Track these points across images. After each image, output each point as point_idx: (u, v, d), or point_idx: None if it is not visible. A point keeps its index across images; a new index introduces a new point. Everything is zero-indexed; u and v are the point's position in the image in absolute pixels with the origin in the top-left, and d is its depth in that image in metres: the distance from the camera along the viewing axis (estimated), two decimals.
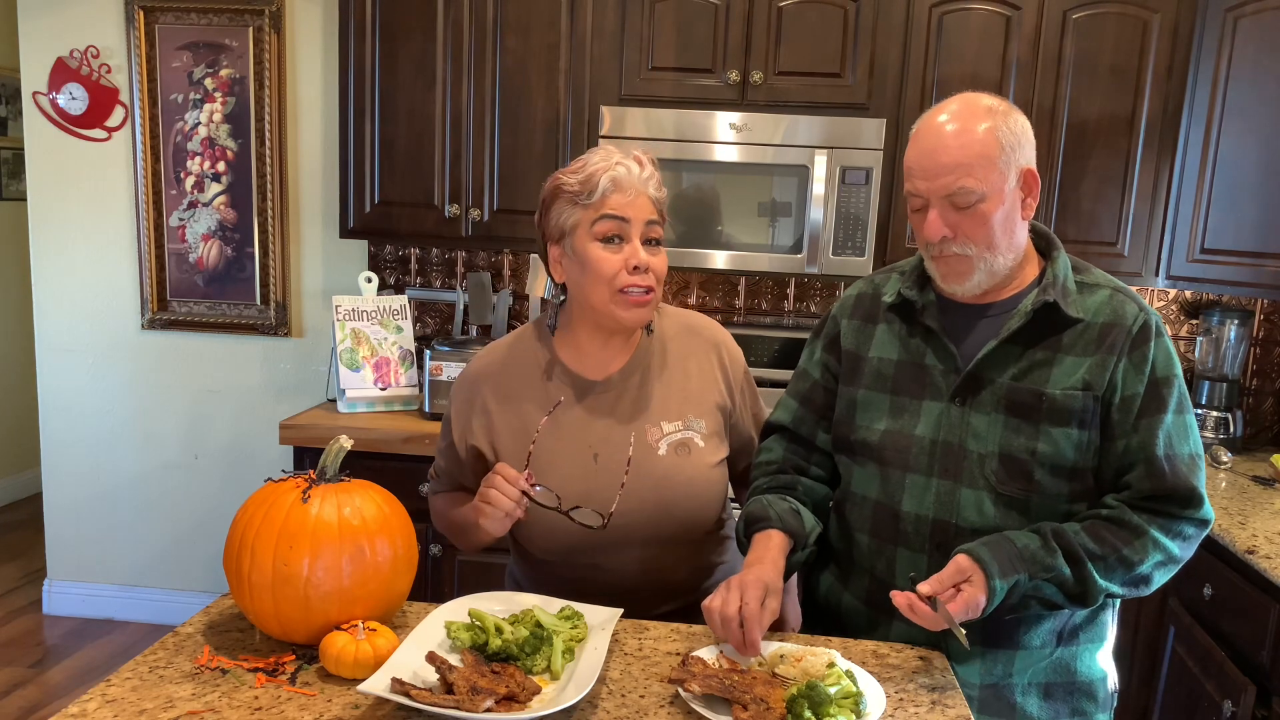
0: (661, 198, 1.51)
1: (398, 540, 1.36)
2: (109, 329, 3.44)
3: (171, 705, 1.19)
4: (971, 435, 1.42)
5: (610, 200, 1.46)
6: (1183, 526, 1.37)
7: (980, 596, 1.30)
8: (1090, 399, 1.37)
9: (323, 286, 3.35)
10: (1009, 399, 1.40)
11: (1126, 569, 1.34)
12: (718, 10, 2.71)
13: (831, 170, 2.68)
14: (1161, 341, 1.40)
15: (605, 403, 1.55)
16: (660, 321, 1.64)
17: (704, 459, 1.56)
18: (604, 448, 1.53)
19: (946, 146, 1.36)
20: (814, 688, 1.18)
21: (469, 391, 1.60)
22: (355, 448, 1.41)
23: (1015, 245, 1.41)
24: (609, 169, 1.46)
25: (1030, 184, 1.40)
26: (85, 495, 3.54)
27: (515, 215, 2.87)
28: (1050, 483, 1.39)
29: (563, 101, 2.80)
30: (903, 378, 1.49)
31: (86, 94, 3.29)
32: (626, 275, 1.46)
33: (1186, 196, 2.65)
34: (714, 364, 1.63)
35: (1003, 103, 1.40)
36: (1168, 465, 1.36)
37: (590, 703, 1.23)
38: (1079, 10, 2.64)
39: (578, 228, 1.49)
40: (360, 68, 2.85)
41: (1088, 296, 1.42)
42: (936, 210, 1.38)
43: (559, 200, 1.50)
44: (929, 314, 1.47)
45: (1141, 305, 1.42)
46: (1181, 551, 1.38)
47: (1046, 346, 1.40)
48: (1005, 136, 1.36)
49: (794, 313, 3.20)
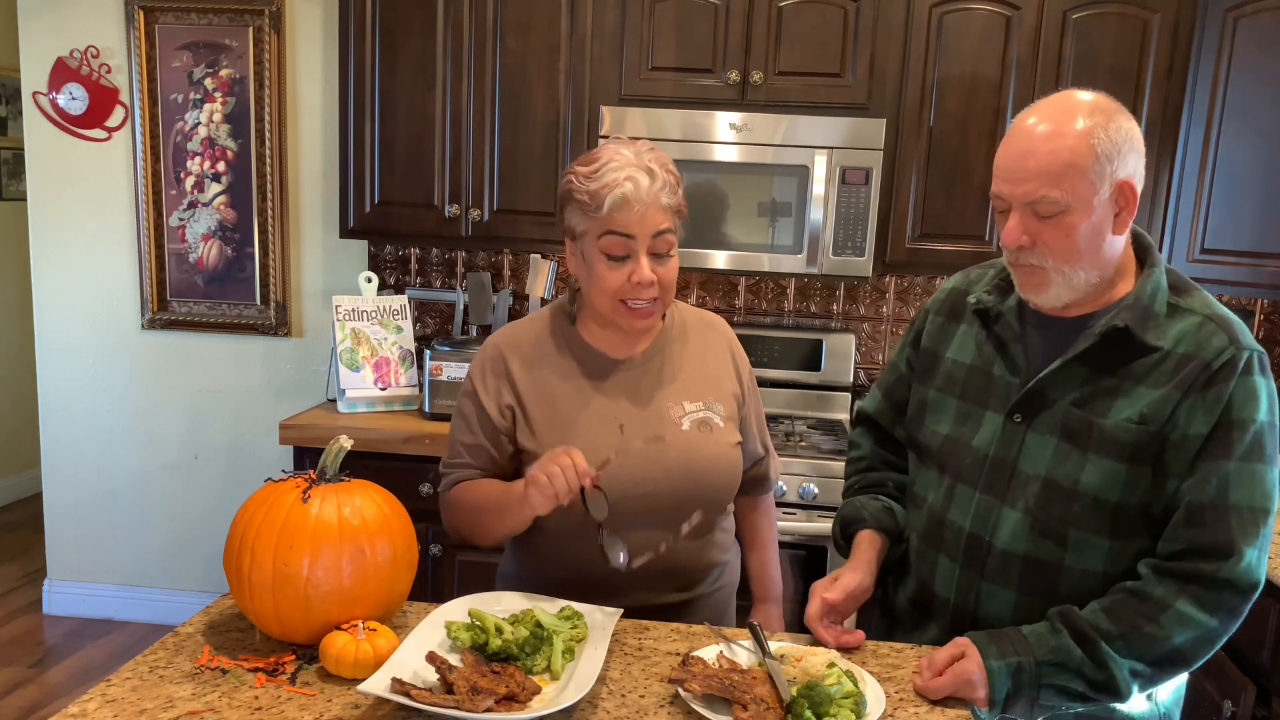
0: (675, 202, 1.49)
1: (398, 540, 1.36)
2: (109, 329, 3.43)
3: (171, 705, 1.18)
4: (1025, 455, 1.36)
5: (616, 218, 1.44)
6: (1219, 595, 1.24)
7: (972, 668, 1.26)
8: (1145, 434, 1.27)
9: (323, 286, 3.35)
10: (1064, 423, 1.32)
11: (1152, 648, 1.24)
12: (718, 10, 2.71)
13: (831, 170, 2.68)
14: (1248, 381, 1.26)
15: (629, 380, 1.57)
16: (679, 312, 1.66)
17: (725, 438, 1.58)
18: (630, 419, 1.54)
19: (1034, 151, 1.26)
20: (814, 688, 1.18)
21: (492, 362, 1.59)
22: (355, 448, 1.41)
23: (1102, 260, 1.30)
24: (618, 186, 1.43)
25: (1127, 197, 1.27)
26: (85, 495, 3.54)
27: (515, 215, 2.87)
28: (1090, 518, 1.31)
29: (563, 101, 2.80)
30: (972, 384, 1.44)
31: (86, 94, 3.29)
32: (629, 289, 1.47)
33: (1186, 196, 2.65)
34: (728, 357, 1.66)
35: (1110, 104, 1.28)
36: (1212, 515, 1.24)
37: (590, 703, 1.23)
38: (1079, 10, 2.64)
39: (586, 235, 1.49)
40: (360, 68, 2.84)
41: (1176, 322, 1.30)
42: (1018, 216, 1.29)
43: (570, 203, 1.50)
44: (1004, 322, 1.42)
45: (1236, 338, 1.27)
46: (1221, 624, 1.25)
47: (1117, 374, 1.30)
48: (1101, 144, 1.24)
49: (794, 313, 3.20)
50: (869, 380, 3.18)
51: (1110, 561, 1.32)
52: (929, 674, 1.29)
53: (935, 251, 2.77)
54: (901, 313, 3.15)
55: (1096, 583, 1.33)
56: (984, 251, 2.75)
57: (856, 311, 3.17)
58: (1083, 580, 1.34)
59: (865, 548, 1.52)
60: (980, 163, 2.72)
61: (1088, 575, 1.34)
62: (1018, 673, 1.26)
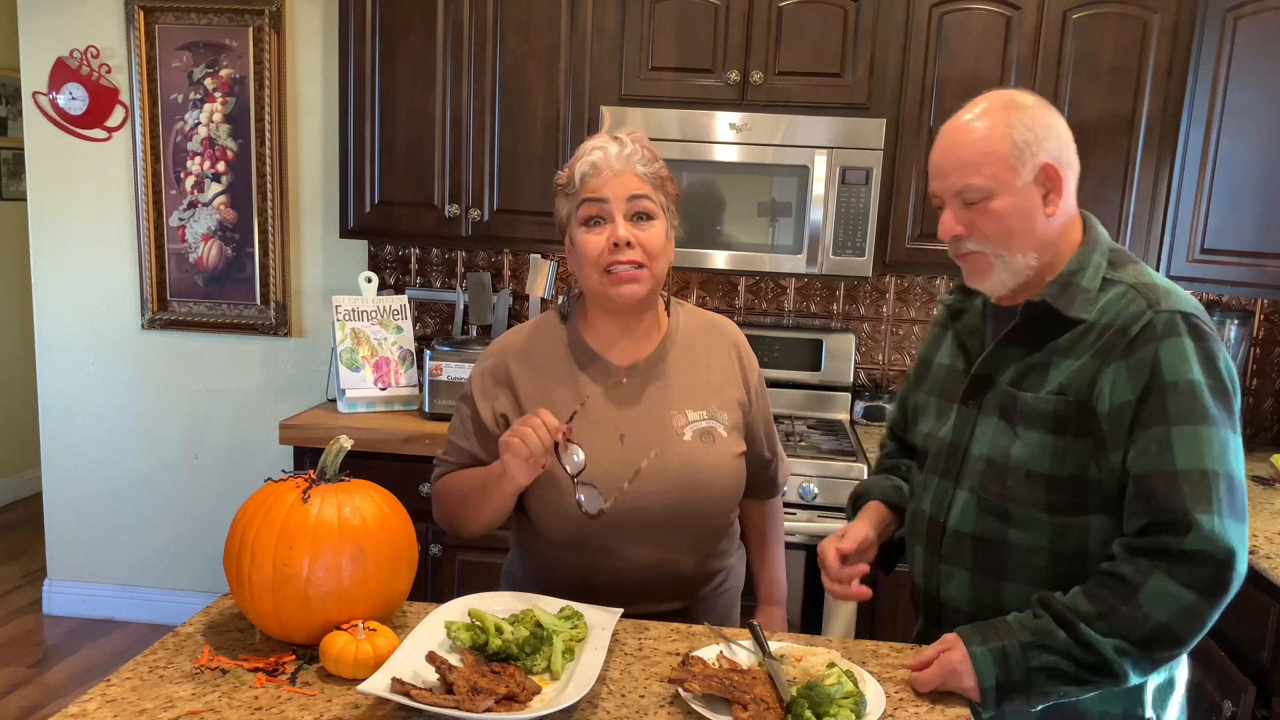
0: (653, 172, 1.50)
1: (398, 540, 1.36)
2: (109, 329, 3.43)
3: (171, 705, 1.18)
4: (974, 438, 1.42)
5: (589, 183, 1.48)
6: (1191, 568, 1.20)
7: (956, 658, 1.28)
8: (1064, 403, 1.30)
9: (323, 286, 3.35)
10: (1001, 402, 1.38)
11: (1135, 627, 1.22)
12: (718, 10, 2.71)
13: (831, 170, 2.68)
14: (1172, 342, 1.25)
15: (631, 389, 1.56)
16: (683, 316, 1.65)
17: (728, 449, 1.57)
18: (631, 429, 1.53)
19: (957, 145, 1.35)
20: (814, 688, 1.18)
21: (494, 368, 1.59)
22: (355, 448, 1.41)
23: (1037, 242, 1.34)
24: (585, 155, 1.49)
25: (1052, 179, 1.33)
26: (85, 495, 3.54)
27: (515, 215, 2.87)
28: (1025, 492, 1.34)
29: (563, 101, 2.80)
30: (947, 382, 1.51)
31: (86, 94, 3.29)
32: (609, 254, 1.46)
33: (1186, 196, 2.65)
34: (734, 362, 1.65)
35: (1029, 98, 1.37)
36: (1160, 484, 1.22)
37: (590, 703, 1.23)
38: (1079, 10, 2.64)
39: (570, 218, 1.52)
40: (360, 68, 2.85)
41: (1104, 295, 1.33)
42: (950, 208, 1.37)
43: (557, 196, 1.54)
44: (966, 318, 1.50)
45: (1155, 302, 1.28)
46: (1201, 598, 1.21)
47: (1044, 349, 1.35)
48: (1019, 132, 1.32)
49: (794, 313, 3.20)
50: (869, 380, 3.18)
51: (1055, 538, 1.34)
52: (915, 667, 1.32)
53: (935, 251, 2.77)
54: (901, 313, 3.15)
55: (1044, 559, 1.35)
56: None
57: (856, 311, 3.17)
58: (1030, 557, 1.36)
59: (869, 509, 1.60)
60: None
61: (1033, 552, 1.35)
62: (1003, 658, 1.26)
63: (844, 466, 2.57)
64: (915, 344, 3.16)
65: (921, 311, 3.15)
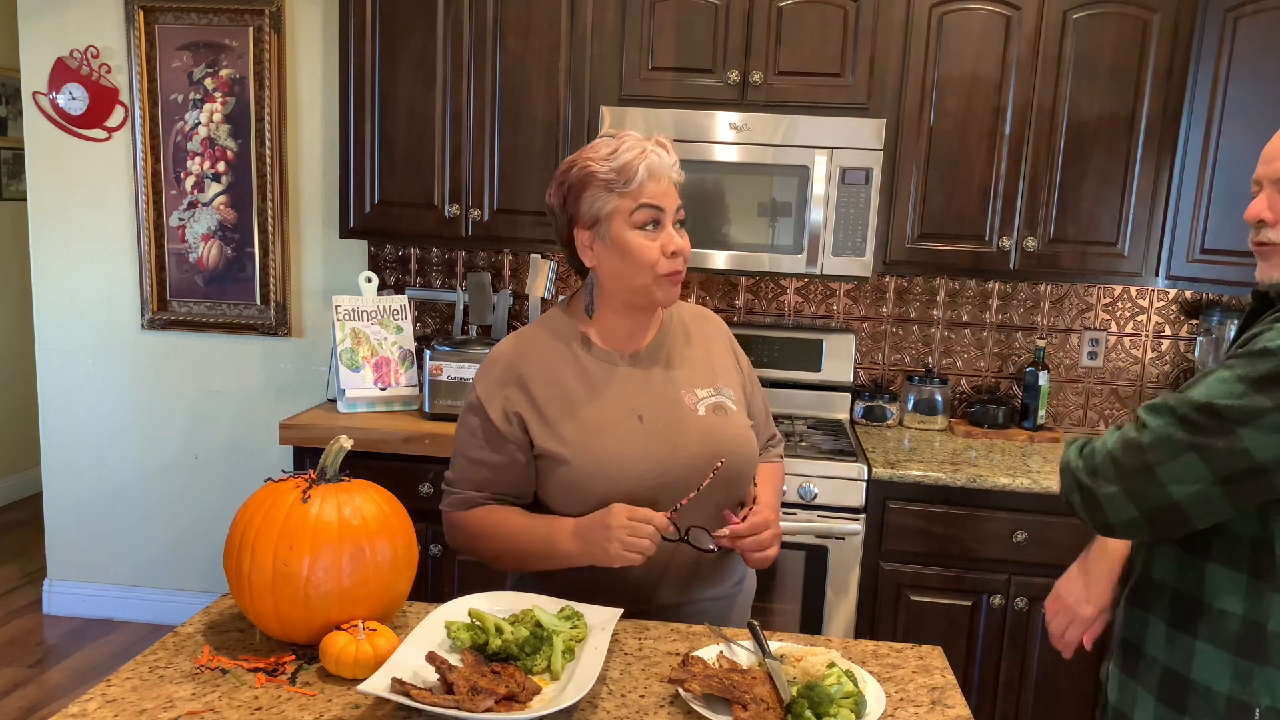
0: (682, 180, 1.56)
1: (398, 540, 1.37)
2: (109, 329, 3.44)
3: (171, 705, 1.19)
4: None
5: (647, 188, 1.49)
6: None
7: None
8: None
9: (323, 286, 3.36)
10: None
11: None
12: (718, 10, 2.71)
13: (831, 170, 2.68)
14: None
15: (639, 373, 1.59)
16: (675, 307, 1.71)
17: (739, 419, 1.63)
18: (648, 409, 1.56)
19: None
20: (814, 688, 1.18)
21: (502, 369, 1.58)
22: (355, 448, 1.41)
23: None
24: (644, 158, 1.49)
25: None
26: (85, 495, 3.54)
27: (515, 215, 2.87)
28: None
29: (563, 101, 2.80)
30: None
31: (86, 94, 3.29)
32: (666, 261, 1.51)
33: (1186, 196, 2.65)
34: (728, 349, 1.72)
35: None
36: None
37: (590, 703, 1.23)
38: (1079, 10, 2.64)
39: (615, 215, 1.50)
40: (360, 68, 2.85)
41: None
42: (1266, 193, 1.35)
43: (592, 186, 1.50)
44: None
45: None
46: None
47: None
48: None
49: (794, 313, 3.20)
50: (869, 380, 3.18)
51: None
52: None
53: (935, 251, 2.78)
54: (902, 313, 3.15)
55: None
56: (984, 251, 2.75)
57: (856, 311, 3.17)
58: None
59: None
60: (980, 163, 2.72)
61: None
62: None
63: (844, 467, 2.57)
64: (915, 344, 3.16)
65: (921, 311, 3.15)
